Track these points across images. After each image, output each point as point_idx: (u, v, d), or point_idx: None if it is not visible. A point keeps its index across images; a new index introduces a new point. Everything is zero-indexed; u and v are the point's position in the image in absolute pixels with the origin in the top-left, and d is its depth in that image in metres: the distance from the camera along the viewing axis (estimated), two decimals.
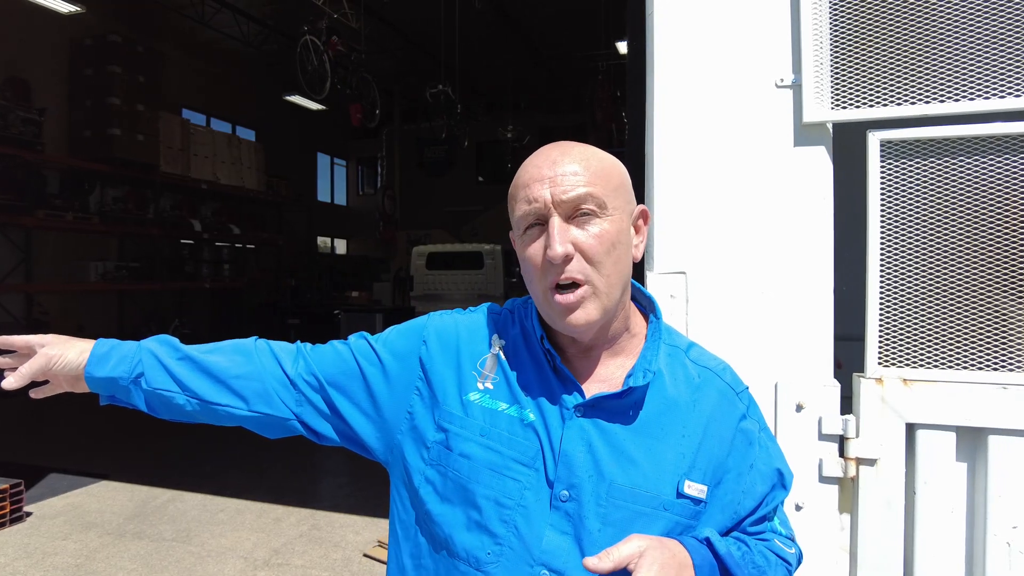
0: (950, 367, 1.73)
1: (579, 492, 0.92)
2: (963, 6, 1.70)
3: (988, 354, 1.70)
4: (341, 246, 20.98)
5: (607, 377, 0.97)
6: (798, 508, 1.80)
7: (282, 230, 15.07)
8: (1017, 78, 1.67)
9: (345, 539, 4.18)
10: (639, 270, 1.97)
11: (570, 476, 0.92)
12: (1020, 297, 1.68)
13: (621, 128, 12.46)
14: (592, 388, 0.96)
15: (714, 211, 1.86)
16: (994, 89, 1.68)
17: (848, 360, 1.97)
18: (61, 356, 1.02)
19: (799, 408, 1.79)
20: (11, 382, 1.00)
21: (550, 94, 17.40)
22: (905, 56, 1.74)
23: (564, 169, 0.90)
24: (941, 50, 1.72)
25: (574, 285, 0.90)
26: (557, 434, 0.93)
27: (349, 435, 1.05)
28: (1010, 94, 1.67)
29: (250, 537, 4.18)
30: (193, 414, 1.05)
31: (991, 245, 1.70)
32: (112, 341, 1.05)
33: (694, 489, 0.94)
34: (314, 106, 15.43)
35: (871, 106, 1.77)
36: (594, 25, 11.30)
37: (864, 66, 1.77)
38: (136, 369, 1.02)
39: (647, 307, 1.04)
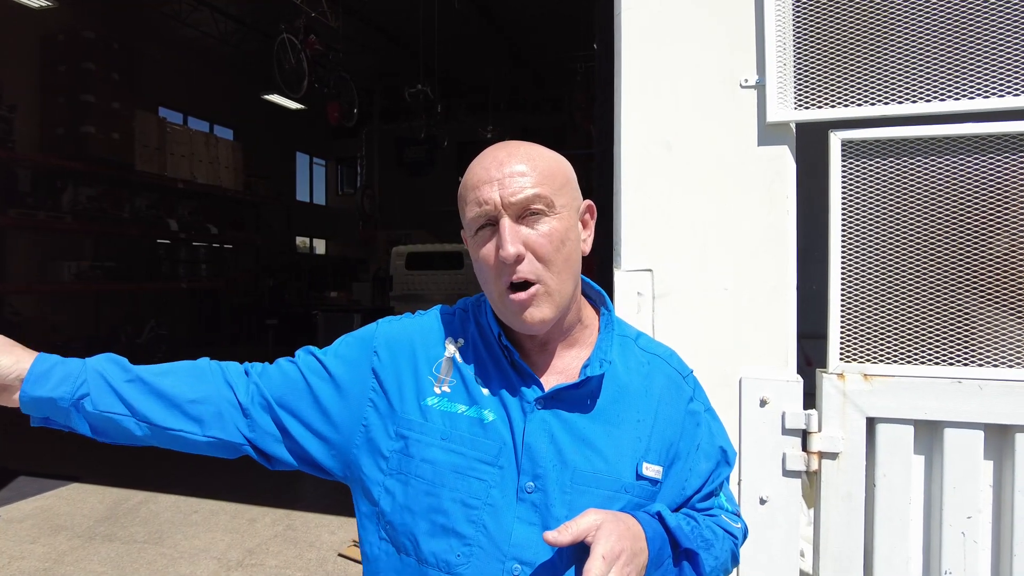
0: (909, 362, 1.77)
1: (544, 482, 0.93)
2: (922, 11, 1.74)
3: (944, 349, 1.74)
4: (320, 246, 20.84)
5: (563, 368, 1.00)
6: (762, 502, 1.83)
7: (260, 230, 14.92)
8: (973, 80, 1.71)
9: (320, 539, 4.16)
10: (607, 268, 1.99)
11: (534, 467, 0.94)
12: (975, 293, 1.73)
13: None
14: (550, 380, 0.99)
15: (680, 209, 1.89)
16: (952, 91, 1.73)
17: (818, 358, 2.01)
18: None
19: (763, 403, 1.82)
20: None
21: (531, 95, 17.42)
22: (867, 58, 1.78)
23: (512, 170, 0.92)
24: (902, 52, 1.76)
25: (527, 284, 0.91)
26: (520, 428, 0.95)
27: (303, 456, 1.03)
28: (966, 96, 1.72)
29: (224, 538, 4.15)
30: (143, 439, 0.99)
31: (948, 243, 1.74)
32: (54, 357, 0.96)
33: (651, 470, 0.98)
34: (293, 105, 15.31)
35: (833, 106, 1.80)
36: (575, 26, 11.34)
37: (827, 67, 1.81)
38: (80, 390, 0.94)
39: (597, 300, 1.08)
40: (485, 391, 0.98)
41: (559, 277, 0.93)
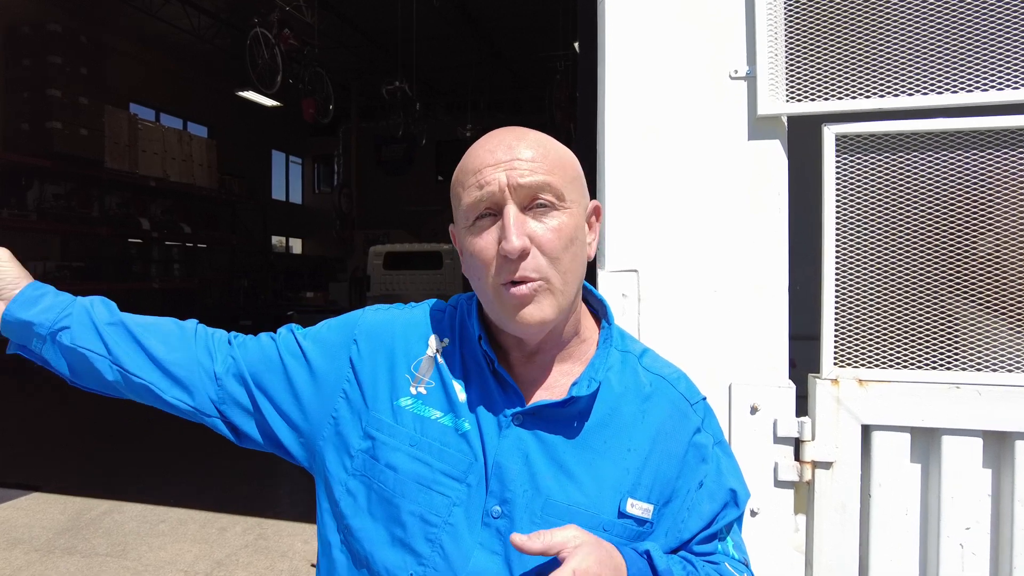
0: (905, 367, 1.69)
1: (512, 508, 0.83)
2: (917, 1, 1.67)
3: (942, 353, 1.67)
4: (297, 245, 20.56)
5: (551, 384, 0.89)
6: (753, 514, 1.75)
7: (235, 229, 14.64)
8: (969, 74, 1.64)
9: (293, 548, 4.02)
10: (591, 268, 1.89)
11: (503, 491, 0.84)
12: (968, 294, 1.66)
13: None
14: (535, 395, 0.88)
15: (667, 207, 1.80)
16: (947, 84, 1.66)
17: (801, 359, 1.94)
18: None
19: (753, 410, 1.73)
20: None
21: (511, 94, 17.34)
22: (862, 48, 1.71)
23: (521, 154, 0.82)
24: (899, 43, 1.69)
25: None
26: (492, 444, 0.85)
27: (270, 435, 0.97)
28: (962, 89, 1.65)
29: (192, 549, 3.99)
30: (113, 384, 0.97)
31: (942, 244, 1.67)
32: (49, 287, 0.99)
33: (638, 508, 0.86)
34: (268, 102, 15.05)
35: (826, 99, 1.73)
36: (555, 25, 11.27)
37: (819, 58, 1.73)
38: (62, 321, 0.95)
39: (599, 311, 0.96)
40: (463, 398, 0.88)
41: (564, 278, 0.82)
